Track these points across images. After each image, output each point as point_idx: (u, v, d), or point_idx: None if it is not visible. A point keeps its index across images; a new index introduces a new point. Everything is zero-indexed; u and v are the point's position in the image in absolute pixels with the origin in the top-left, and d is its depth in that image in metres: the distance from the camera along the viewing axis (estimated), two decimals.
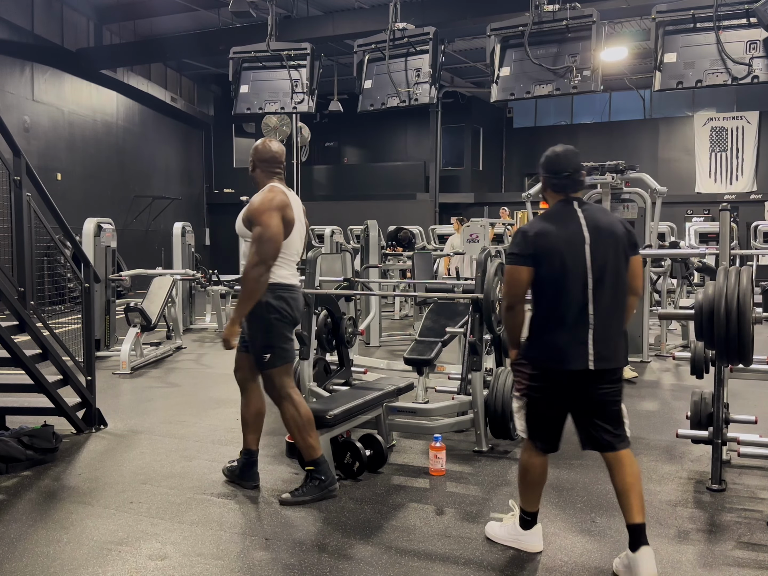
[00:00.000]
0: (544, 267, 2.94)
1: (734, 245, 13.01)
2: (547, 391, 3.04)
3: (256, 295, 3.68)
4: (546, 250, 2.94)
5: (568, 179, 3.05)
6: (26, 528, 3.47)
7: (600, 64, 7.25)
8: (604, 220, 3.04)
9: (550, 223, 3.01)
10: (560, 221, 3.01)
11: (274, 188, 3.78)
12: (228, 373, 5.18)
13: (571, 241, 2.95)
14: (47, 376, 4.64)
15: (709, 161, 20.20)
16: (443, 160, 21.48)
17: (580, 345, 2.94)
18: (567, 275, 2.93)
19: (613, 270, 2.97)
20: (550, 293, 2.97)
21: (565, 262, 2.93)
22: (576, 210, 3.02)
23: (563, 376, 2.99)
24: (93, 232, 8.20)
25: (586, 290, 2.94)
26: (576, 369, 2.95)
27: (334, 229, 11.65)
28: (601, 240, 2.97)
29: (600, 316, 2.95)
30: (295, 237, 3.79)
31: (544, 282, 2.97)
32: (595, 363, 2.94)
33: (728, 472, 4.18)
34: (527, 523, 3.21)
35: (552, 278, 2.95)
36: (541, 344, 3.02)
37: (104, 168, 16.36)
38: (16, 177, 4.57)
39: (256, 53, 8.92)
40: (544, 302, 3.01)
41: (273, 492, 3.93)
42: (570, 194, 3.06)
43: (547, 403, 3.06)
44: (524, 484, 3.19)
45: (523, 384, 3.09)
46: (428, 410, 4.73)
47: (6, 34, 13.48)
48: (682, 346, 8.39)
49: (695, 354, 4.25)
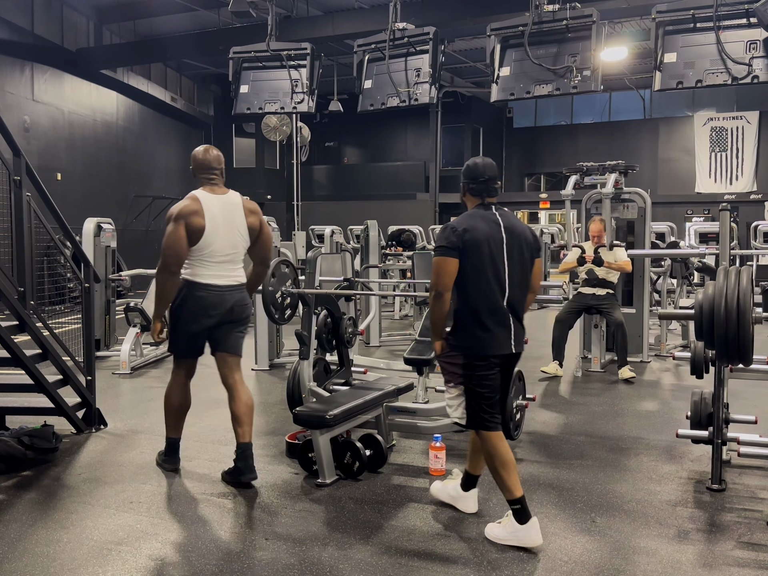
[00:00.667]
0: (471, 260, 3.27)
1: (734, 245, 13.02)
2: (481, 376, 3.32)
3: (165, 296, 4.07)
4: (472, 244, 3.26)
5: (485, 184, 3.41)
6: (26, 528, 3.47)
7: (600, 64, 7.24)
8: (517, 224, 3.45)
9: (475, 221, 3.34)
10: (483, 220, 3.35)
11: (191, 196, 4.06)
12: None
13: (493, 238, 3.31)
14: (47, 376, 4.64)
15: (709, 161, 20.21)
16: (443, 160, 21.49)
17: (505, 331, 3.33)
18: (491, 269, 3.29)
19: (522, 268, 3.39)
20: (477, 285, 3.29)
21: (488, 256, 3.28)
22: (495, 213, 3.40)
23: (496, 360, 3.33)
24: (93, 232, 8.19)
25: (504, 283, 3.31)
26: (504, 353, 3.34)
27: (334, 229, 11.65)
28: (515, 241, 3.37)
29: (513, 306, 3.36)
30: (211, 239, 4.01)
31: (471, 274, 3.28)
32: (515, 347, 3.36)
33: (728, 472, 4.18)
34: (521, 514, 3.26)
35: (478, 271, 3.28)
36: (472, 334, 3.31)
37: (104, 168, 16.36)
38: (16, 177, 4.57)
39: (256, 53, 8.91)
40: (472, 294, 3.30)
41: (273, 492, 3.94)
42: (486, 198, 3.42)
43: (485, 386, 3.33)
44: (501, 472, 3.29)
45: (457, 374, 3.34)
46: (428, 410, 4.74)
47: (6, 34, 13.48)
48: (682, 346, 8.40)
49: (695, 354, 4.24)
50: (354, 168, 23.24)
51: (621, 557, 3.16)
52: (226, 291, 4.10)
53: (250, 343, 7.96)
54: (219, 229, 4.04)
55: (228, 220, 4.09)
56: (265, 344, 7.48)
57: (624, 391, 6.45)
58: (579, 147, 21.41)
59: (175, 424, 4.33)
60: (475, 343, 3.30)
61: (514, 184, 23.46)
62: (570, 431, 5.16)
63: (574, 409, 5.78)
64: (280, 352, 7.83)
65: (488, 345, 3.30)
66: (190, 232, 3.96)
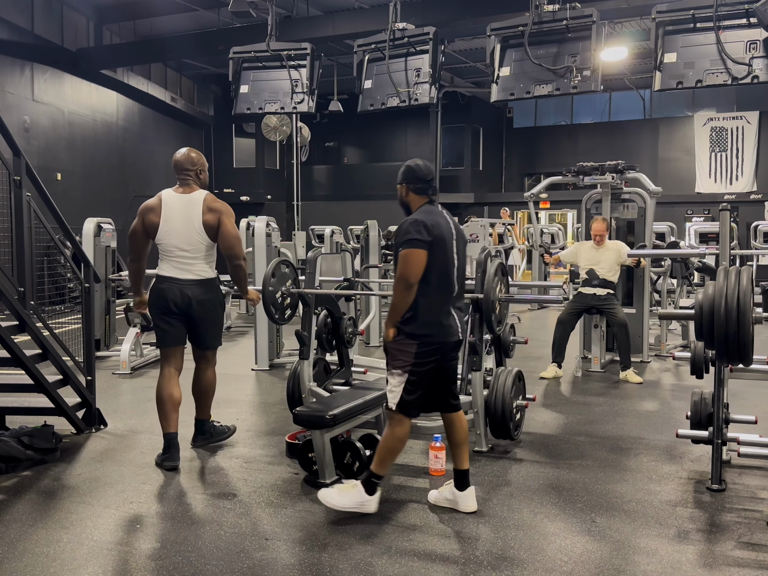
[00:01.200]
0: (436, 254, 3.47)
1: (734, 245, 13.02)
2: (431, 363, 3.53)
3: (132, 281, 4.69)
4: (439, 239, 3.49)
5: (430, 184, 3.64)
6: (26, 528, 3.47)
7: (600, 64, 7.25)
8: (455, 221, 3.73)
9: (437, 218, 3.56)
10: (440, 217, 3.59)
11: (157, 195, 4.49)
12: (228, 373, 5.20)
13: (449, 234, 3.58)
14: (47, 376, 4.63)
15: (709, 161, 20.20)
16: (443, 160, 21.47)
17: (453, 320, 3.58)
18: (447, 262, 3.55)
19: (462, 261, 3.66)
20: (436, 277, 3.49)
21: (447, 250, 3.54)
22: (442, 210, 3.67)
23: (446, 347, 3.58)
24: (93, 232, 8.20)
25: (453, 276, 3.59)
26: (453, 341, 3.60)
27: (334, 229, 11.65)
28: (459, 237, 3.67)
29: (458, 296, 3.66)
30: (165, 235, 4.39)
31: (434, 267, 3.47)
32: (460, 334, 3.64)
33: (728, 472, 4.18)
34: (375, 488, 3.56)
35: (439, 264, 3.50)
36: (430, 322, 3.50)
37: (104, 168, 16.35)
38: (16, 177, 4.57)
39: (256, 53, 8.91)
40: (433, 286, 3.49)
41: (273, 492, 3.94)
42: (431, 197, 3.64)
43: (430, 373, 3.55)
44: (393, 453, 3.59)
45: (407, 361, 3.49)
46: None
47: (6, 34, 13.47)
48: (682, 346, 8.40)
49: (695, 354, 4.24)
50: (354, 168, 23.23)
51: (621, 557, 3.16)
52: (185, 285, 4.40)
53: (250, 343, 7.98)
54: (174, 225, 4.38)
55: (186, 218, 4.38)
56: (265, 344, 7.47)
57: (624, 391, 6.45)
58: (579, 147, 21.40)
59: (166, 418, 4.46)
60: (431, 330, 3.50)
61: (514, 184, 23.44)
62: (570, 431, 5.16)
63: (574, 409, 5.78)
64: (280, 352, 7.83)
65: (443, 333, 3.54)
66: (146, 227, 4.42)
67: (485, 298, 4.48)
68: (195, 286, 4.41)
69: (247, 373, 7.32)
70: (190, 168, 4.51)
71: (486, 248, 4.79)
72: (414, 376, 3.50)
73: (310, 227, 15.06)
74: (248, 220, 10.52)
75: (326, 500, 3.56)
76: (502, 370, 4.83)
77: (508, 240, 15.20)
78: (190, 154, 4.57)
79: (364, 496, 3.54)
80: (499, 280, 4.62)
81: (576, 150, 20.98)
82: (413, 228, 3.44)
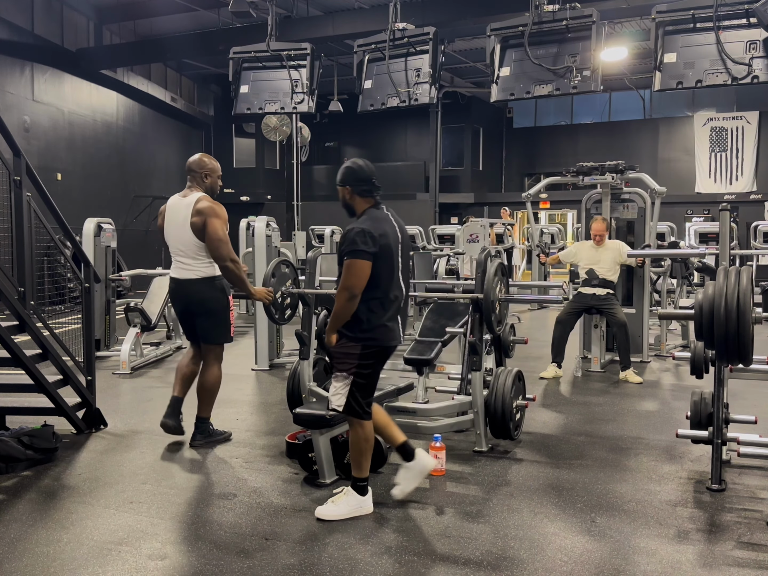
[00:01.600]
0: (381, 262, 3.48)
1: (734, 245, 13.02)
2: (375, 366, 3.58)
3: None
4: (384, 248, 3.48)
5: (374, 185, 3.60)
6: (26, 528, 3.47)
7: (600, 64, 7.25)
8: (401, 222, 3.70)
9: (384, 225, 3.54)
10: (386, 223, 3.57)
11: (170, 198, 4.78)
12: (228, 373, 5.20)
13: (395, 240, 3.56)
14: (47, 376, 4.63)
15: (709, 161, 20.21)
16: (443, 160, 21.48)
17: (397, 325, 3.62)
18: (393, 269, 3.55)
19: (407, 264, 3.69)
20: (381, 284, 3.50)
21: (393, 258, 3.54)
22: (388, 213, 3.64)
23: (389, 351, 3.62)
24: (93, 232, 8.20)
25: (399, 280, 3.59)
26: (394, 345, 3.62)
27: (334, 229, 11.66)
28: (404, 240, 3.66)
29: (404, 300, 3.66)
30: (166, 237, 4.71)
31: (379, 275, 3.49)
32: (402, 338, 3.67)
33: (728, 472, 4.18)
34: (365, 489, 3.59)
35: (384, 272, 3.51)
36: (376, 327, 3.52)
37: (104, 168, 16.36)
38: (16, 177, 4.57)
39: (256, 53, 8.92)
40: (377, 292, 3.50)
41: (273, 492, 3.94)
42: (376, 197, 3.62)
43: (373, 376, 3.60)
44: (365, 454, 3.59)
45: (351, 364, 3.52)
46: (428, 410, 4.73)
47: (6, 34, 13.47)
48: (682, 346, 8.40)
49: (695, 354, 4.24)
50: None
51: (621, 557, 3.16)
52: (185, 283, 4.65)
53: (250, 343, 7.98)
54: (172, 227, 4.65)
55: (181, 219, 4.59)
56: (265, 344, 7.48)
57: (624, 391, 6.45)
58: (579, 147, 21.40)
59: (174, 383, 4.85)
60: (374, 335, 3.53)
61: (514, 184, 23.44)
62: (570, 431, 5.16)
63: (574, 409, 5.78)
64: (280, 352, 7.83)
65: (387, 337, 3.57)
66: (160, 230, 4.77)
67: (485, 298, 4.48)
68: (193, 284, 4.63)
69: (247, 373, 7.32)
70: (196, 171, 4.66)
71: (486, 248, 4.79)
72: (359, 378, 3.53)
73: (310, 227, 15.06)
74: (248, 220, 10.53)
75: (325, 516, 3.52)
76: (502, 370, 4.83)
77: (508, 240, 15.19)
78: (201, 159, 4.71)
79: (358, 498, 3.57)
80: (499, 280, 4.62)
81: (576, 150, 20.99)
82: (359, 238, 3.42)
